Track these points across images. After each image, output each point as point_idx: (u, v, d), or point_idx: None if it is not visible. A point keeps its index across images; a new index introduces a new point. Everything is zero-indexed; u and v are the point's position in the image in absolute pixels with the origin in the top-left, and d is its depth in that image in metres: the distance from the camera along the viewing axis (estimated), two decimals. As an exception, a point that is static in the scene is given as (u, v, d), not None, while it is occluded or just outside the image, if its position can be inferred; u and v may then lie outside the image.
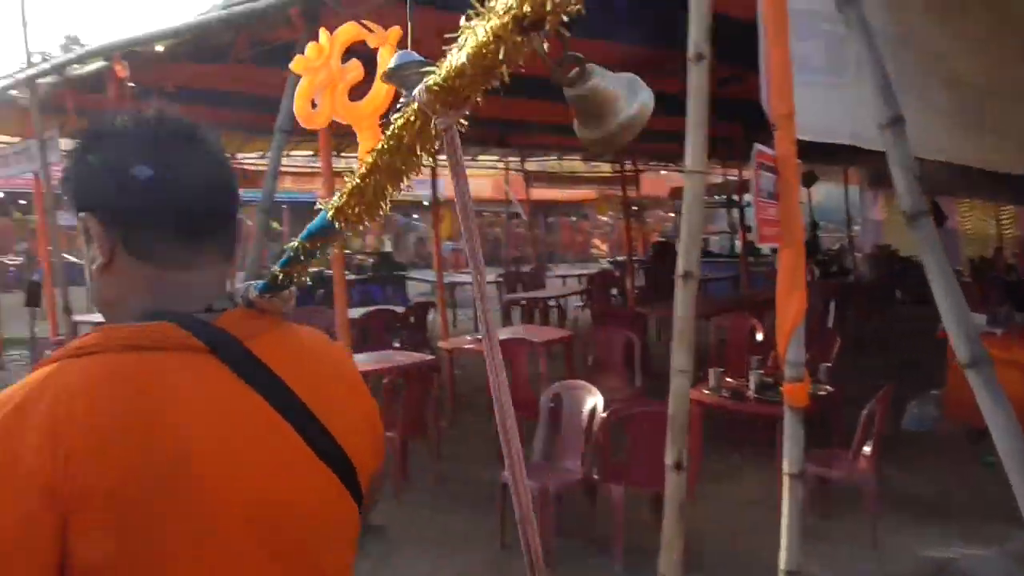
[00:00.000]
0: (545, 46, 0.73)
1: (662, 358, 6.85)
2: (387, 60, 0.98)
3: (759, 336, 6.34)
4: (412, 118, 0.85)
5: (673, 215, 23.06)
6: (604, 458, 4.14)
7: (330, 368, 1.08)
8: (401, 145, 0.87)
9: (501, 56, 0.72)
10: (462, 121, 0.84)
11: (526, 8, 0.68)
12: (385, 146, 0.89)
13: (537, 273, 13.70)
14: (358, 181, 0.93)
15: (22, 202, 19.95)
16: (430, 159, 0.90)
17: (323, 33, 1.12)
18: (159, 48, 4.77)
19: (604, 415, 4.12)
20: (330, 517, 0.97)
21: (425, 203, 25.95)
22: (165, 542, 0.82)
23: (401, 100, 0.89)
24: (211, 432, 0.87)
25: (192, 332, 0.91)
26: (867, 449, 4.19)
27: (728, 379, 5.05)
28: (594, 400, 4.28)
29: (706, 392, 4.83)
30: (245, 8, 4.08)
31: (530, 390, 5.67)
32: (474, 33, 0.74)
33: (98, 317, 1.29)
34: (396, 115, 0.88)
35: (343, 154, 13.46)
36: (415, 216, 25.05)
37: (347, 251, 7.67)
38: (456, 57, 0.76)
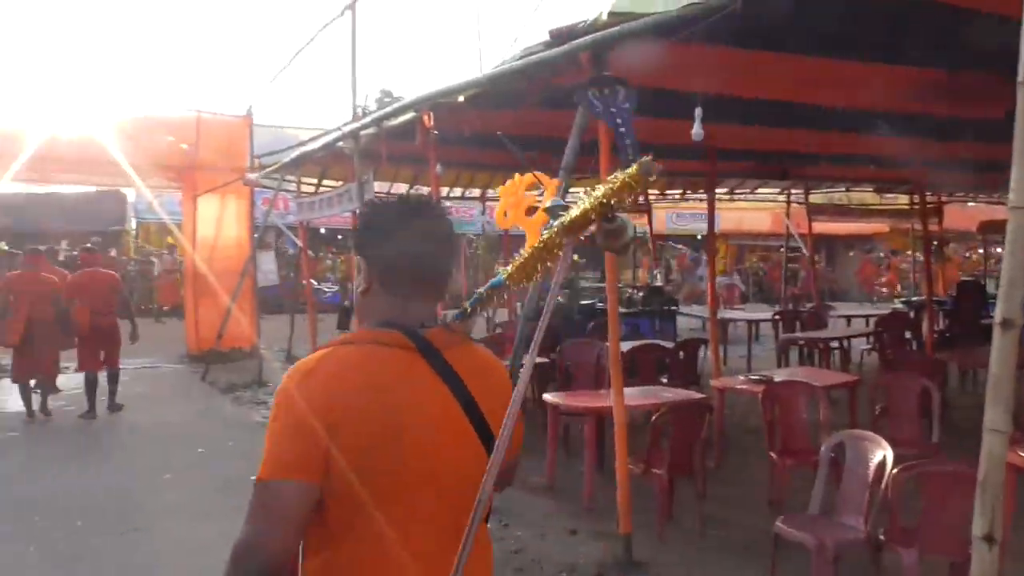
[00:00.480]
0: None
1: (964, 411, 6.15)
2: (549, 197, 1.60)
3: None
4: (553, 235, 1.44)
5: (981, 251, 20.49)
6: (893, 518, 3.79)
7: (493, 376, 1.61)
8: (545, 246, 1.45)
9: (593, 216, 1.38)
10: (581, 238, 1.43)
11: (611, 200, 1.35)
12: (539, 244, 1.45)
13: (818, 312, 12.88)
14: (522, 260, 1.50)
15: (339, 237, 22.83)
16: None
17: (516, 177, 1.72)
18: (460, 99, 5.27)
19: (894, 471, 3.79)
20: (474, 474, 1.42)
21: (699, 236, 25.64)
22: (375, 464, 1.39)
23: (550, 223, 1.47)
24: (412, 402, 1.43)
25: (409, 337, 1.47)
26: None
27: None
28: (882, 453, 3.94)
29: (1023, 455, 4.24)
30: (539, 57, 4.37)
31: (807, 437, 5.37)
32: (582, 202, 1.39)
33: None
34: (546, 230, 1.46)
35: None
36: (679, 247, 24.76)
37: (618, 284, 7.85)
38: (572, 213, 1.40)
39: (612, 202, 1.34)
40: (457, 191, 13.99)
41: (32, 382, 8.58)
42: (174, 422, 8.40)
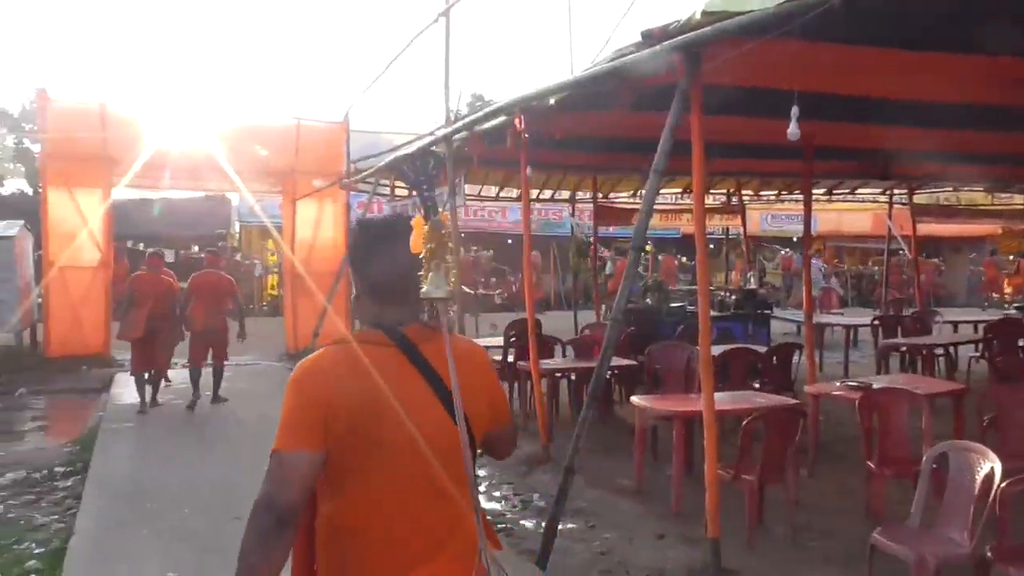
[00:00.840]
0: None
1: (1084, 426, 5.70)
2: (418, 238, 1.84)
3: None
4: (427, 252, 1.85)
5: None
6: (1001, 534, 3.61)
7: (468, 362, 1.88)
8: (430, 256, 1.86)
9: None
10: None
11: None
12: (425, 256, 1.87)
13: (922, 317, 12.31)
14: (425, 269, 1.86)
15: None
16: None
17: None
18: (551, 101, 5.31)
19: (1003, 484, 3.60)
20: (445, 441, 1.78)
21: (795, 239, 24.88)
22: (361, 437, 1.75)
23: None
24: (390, 387, 1.75)
25: (388, 335, 1.84)
26: None
27: None
28: (990, 465, 3.76)
29: None
30: (631, 58, 4.36)
31: (907, 446, 5.17)
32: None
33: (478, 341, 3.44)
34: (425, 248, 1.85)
35: (711, 191, 13.55)
36: (785, 251, 24.05)
37: (711, 287, 7.69)
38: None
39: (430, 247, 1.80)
40: (547, 193, 14.05)
41: (147, 375, 9.17)
42: (273, 417, 8.62)
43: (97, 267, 12.66)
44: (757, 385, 7.42)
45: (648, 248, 19.47)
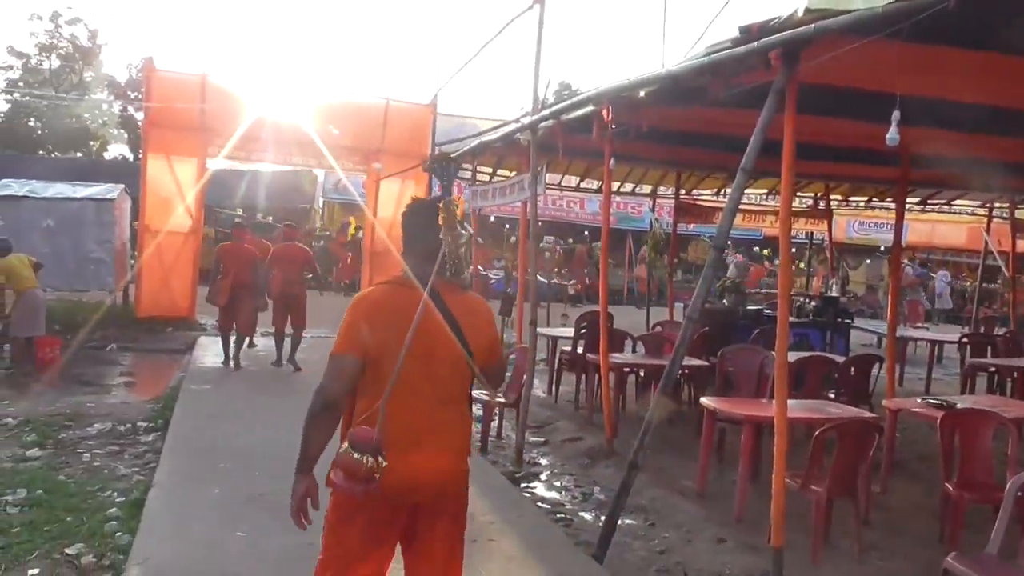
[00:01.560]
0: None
1: None
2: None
3: None
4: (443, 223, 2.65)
5: None
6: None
7: (478, 311, 2.72)
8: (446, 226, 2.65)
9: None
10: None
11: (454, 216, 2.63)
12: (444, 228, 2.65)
13: (1015, 337, 11.72)
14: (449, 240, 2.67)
15: (506, 226, 23.30)
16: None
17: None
18: (641, 94, 5.24)
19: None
20: (455, 361, 2.58)
21: (882, 247, 23.97)
22: (389, 350, 2.49)
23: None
24: (411, 316, 2.47)
25: (420, 283, 2.54)
26: None
27: None
28: (1079, 500, 3.58)
29: None
30: (726, 54, 4.27)
31: (990, 471, 4.95)
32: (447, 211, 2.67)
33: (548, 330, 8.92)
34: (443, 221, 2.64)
35: (798, 193, 13.18)
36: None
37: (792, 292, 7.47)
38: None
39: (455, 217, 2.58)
40: (628, 186, 13.91)
41: (232, 337, 9.91)
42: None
43: (188, 233, 13.18)
44: (832, 395, 7.22)
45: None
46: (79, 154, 34.07)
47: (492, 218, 24.28)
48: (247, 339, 10.31)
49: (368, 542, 2.58)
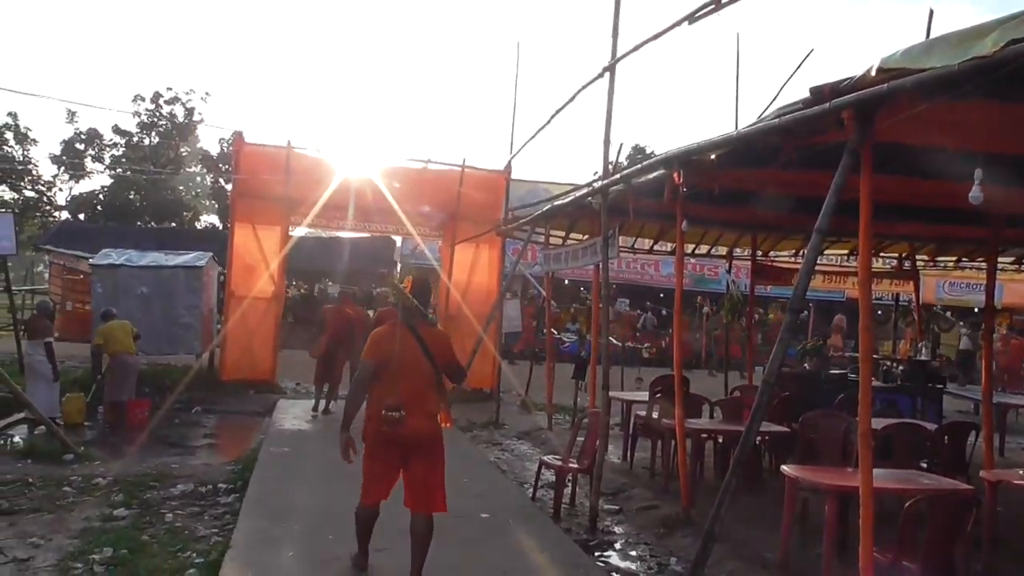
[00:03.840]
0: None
1: None
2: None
3: None
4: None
5: None
6: None
7: (437, 335, 5.03)
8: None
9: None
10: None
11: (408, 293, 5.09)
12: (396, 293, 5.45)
13: None
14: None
15: (582, 290, 23.28)
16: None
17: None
18: (712, 156, 5.23)
19: None
20: (426, 369, 4.81)
21: (976, 309, 22.88)
22: (386, 363, 4.72)
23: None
24: (401, 344, 4.75)
25: (407, 323, 4.85)
26: None
27: None
28: None
29: None
30: (799, 115, 4.24)
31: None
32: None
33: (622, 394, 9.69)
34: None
35: (882, 254, 12.80)
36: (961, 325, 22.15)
37: (875, 355, 7.13)
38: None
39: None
40: (703, 248, 13.77)
41: (325, 387, 11.33)
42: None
43: (270, 299, 13.63)
44: (924, 465, 6.84)
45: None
46: (173, 224, 35.89)
47: (567, 281, 24.35)
48: (334, 391, 11.39)
49: (384, 467, 4.79)
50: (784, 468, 5.84)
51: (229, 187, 23.82)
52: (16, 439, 9.28)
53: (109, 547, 5.49)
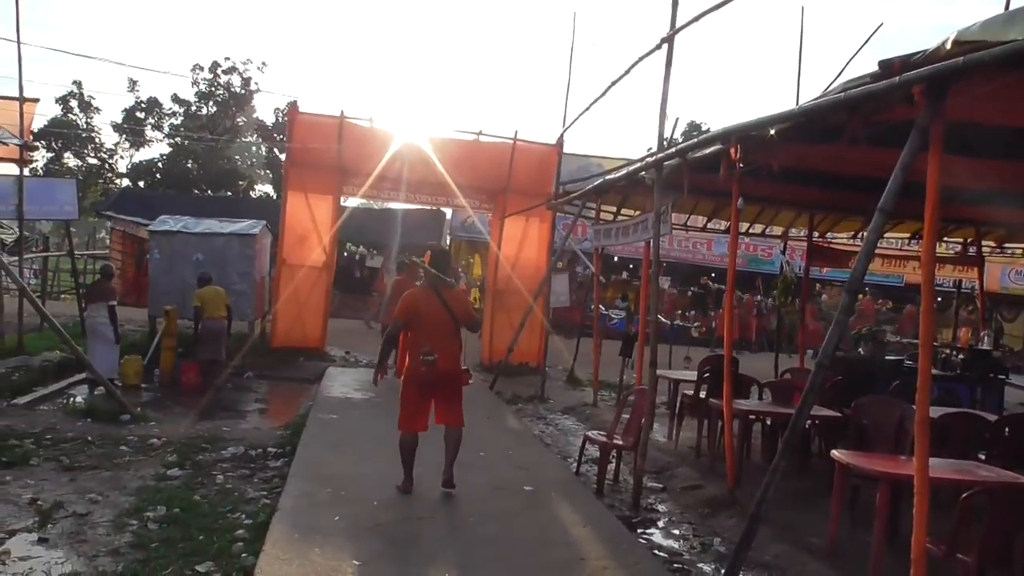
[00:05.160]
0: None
1: None
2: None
3: None
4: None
5: None
6: None
7: (457, 296, 6.43)
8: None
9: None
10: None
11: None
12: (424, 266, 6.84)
13: None
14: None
15: (631, 266, 23.06)
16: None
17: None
18: (771, 132, 5.07)
19: None
20: (448, 322, 6.17)
21: (1041, 298, 22.07)
22: (414, 318, 6.16)
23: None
24: (426, 302, 6.18)
25: (433, 286, 6.30)
26: None
27: None
28: None
29: None
30: (864, 90, 4.07)
31: None
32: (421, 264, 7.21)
33: (670, 373, 9.72)
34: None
35: (945, 238, 12.37)
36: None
37: (935, 343, 6.89)
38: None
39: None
40: (757, 228, 13.48)
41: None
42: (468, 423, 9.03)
43: (321, 268, 13.80)
44: (983, 456, 6.63)
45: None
46: (228, 193, 36.54)
47: (616, 258, 24.12)
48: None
49: (419, 400, 6.10)
50: (835, 453, 5.71)
51: (283, 157, 24.12)
52: (77, 399, 9.61)
53: (163, 505, 5.65)
